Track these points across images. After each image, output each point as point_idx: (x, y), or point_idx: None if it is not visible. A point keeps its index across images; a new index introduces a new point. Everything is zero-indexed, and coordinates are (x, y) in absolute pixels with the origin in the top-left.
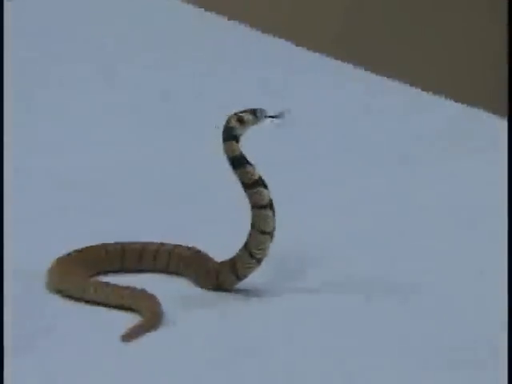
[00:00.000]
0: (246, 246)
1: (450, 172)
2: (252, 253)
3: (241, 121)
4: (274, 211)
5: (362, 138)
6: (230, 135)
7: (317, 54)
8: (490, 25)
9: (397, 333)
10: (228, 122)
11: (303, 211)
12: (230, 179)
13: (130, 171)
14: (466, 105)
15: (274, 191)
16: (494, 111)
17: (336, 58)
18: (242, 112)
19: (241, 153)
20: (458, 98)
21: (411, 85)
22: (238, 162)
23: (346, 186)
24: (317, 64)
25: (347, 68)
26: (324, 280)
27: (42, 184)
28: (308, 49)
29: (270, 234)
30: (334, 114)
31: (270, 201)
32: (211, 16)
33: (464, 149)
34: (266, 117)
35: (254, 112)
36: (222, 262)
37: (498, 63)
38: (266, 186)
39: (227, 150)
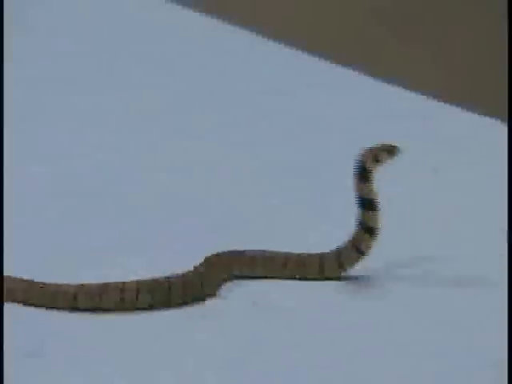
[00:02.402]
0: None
1: (455, 177)
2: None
3: (376, 160)
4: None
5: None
6: (364, 176)
7: (322, 61)
8: (490, 29)
9: (396, 335)
10: (363, 161)
11: (313, 217)
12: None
13: (130, 178)
14: (468, 111)
15: (289, 196)
16: (495, 116)
17: (343, 65)
18: (377, 149)
19: (372, 197)
20: (461, 103)
21: (412, 90)
22: (370, 205)
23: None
24: (323, 71)
25: (348, 73)
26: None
27: (39, 191)
28: (314, 55)
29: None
30: (340, 120)
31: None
32: (217, 23)
33: (467, 154)
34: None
35: (391, 151)
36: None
37: (499, 67)
38: (375, 235)
39: (360, 191)
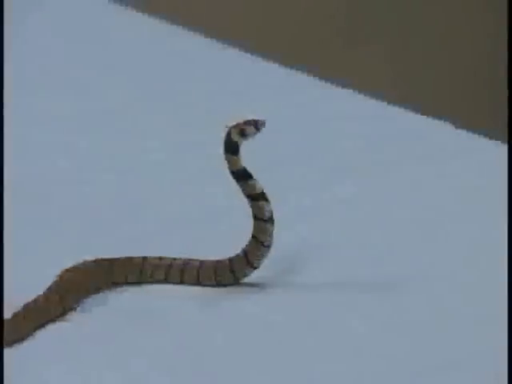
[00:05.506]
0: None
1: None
2: (252, 263)
3: (243, 134)
4: (273, 224)
5: (335, 145)
6: (232, 149)
7: (272, 63)
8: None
9: (391, 332)
10: (230, 134)
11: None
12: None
13: (77, 180)
14: (417, 113)
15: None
16: (495, 137)
17: (293, 67)
18: (243, 124)
19: (243, 167)
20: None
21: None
22: (241, 176)
23: (315, 192)
24: (274, 72)
25: (298, 75)
26: (309, 279)
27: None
28: (263, 57)
29: (268, 247)
30: (291, 121)
31: (271, 214)
32: (160, 23)
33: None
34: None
35: (255, 124)
36: (233, 257)
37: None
38: (267, 200)
39: (230, 165)
